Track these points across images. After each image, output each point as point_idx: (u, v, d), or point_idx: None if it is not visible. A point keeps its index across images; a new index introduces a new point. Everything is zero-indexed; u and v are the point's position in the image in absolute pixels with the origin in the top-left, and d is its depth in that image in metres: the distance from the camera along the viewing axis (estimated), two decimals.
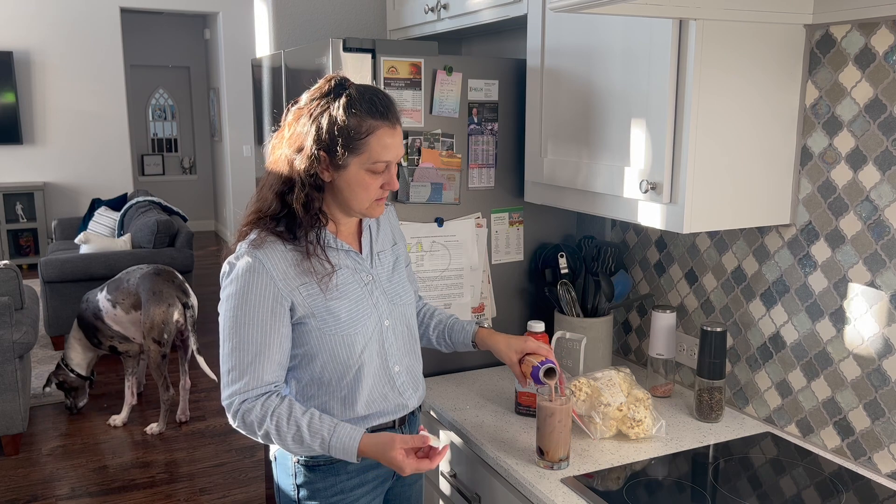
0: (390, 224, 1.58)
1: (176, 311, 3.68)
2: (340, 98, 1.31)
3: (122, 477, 3.36)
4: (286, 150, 1.35)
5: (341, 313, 1.39)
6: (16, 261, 7.15)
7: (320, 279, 1.37)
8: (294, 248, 1.37)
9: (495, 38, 2.52)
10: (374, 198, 1.38)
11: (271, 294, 1.34)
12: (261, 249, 1.35)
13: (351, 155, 1.32)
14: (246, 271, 1.35)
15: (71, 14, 7.35)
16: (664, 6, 1.31)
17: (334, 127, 1.30)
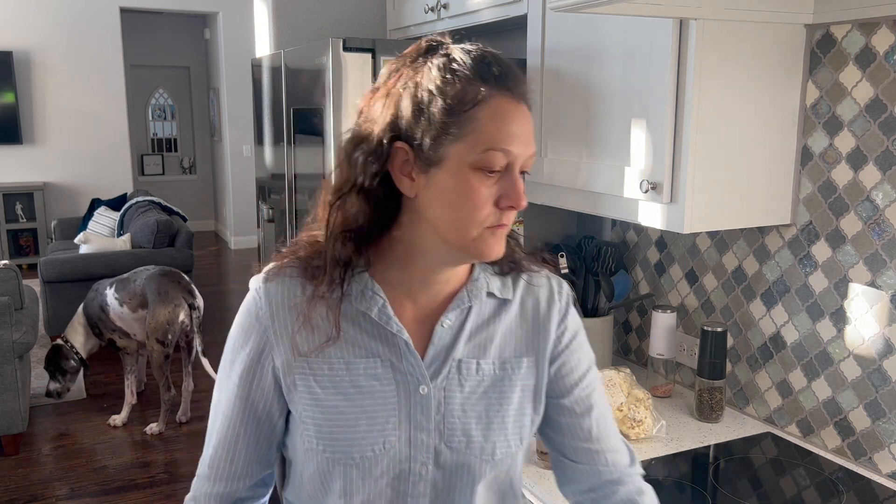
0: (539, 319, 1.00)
1: (182, 312, 3.67)
2: (433, 58, 0.86)
3: (122, 477, 3.36)
4: (349, 145, 0.91)
5: (334, 422, 0.91)
6: (16, 261, 7.14)
7: (312, 347, 0.92)
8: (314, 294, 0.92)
9: (495, 38, 2.52)
10: (487, 219, 0.86)
11: (255, 346, 0.94)
12: (272, 281, 0.95)
13: (449, 141, 0.84)
14: (244, 309, 0.97)
15: (71, 14, 7.35)
16: (664, 6, 1.31)
17: (423, 99, 0.84)
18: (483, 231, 0.87)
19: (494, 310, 0.98)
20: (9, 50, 7.14)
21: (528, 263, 1.02)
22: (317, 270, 0.92)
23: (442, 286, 0.95)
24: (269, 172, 2.44)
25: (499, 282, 0.99)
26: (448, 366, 0.94)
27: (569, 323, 1.02)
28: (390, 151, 0.86)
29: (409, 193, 0.87)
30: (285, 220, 2.26)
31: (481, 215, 0.86)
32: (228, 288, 6.89)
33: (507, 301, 0.99)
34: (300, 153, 2.09)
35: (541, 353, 0.99)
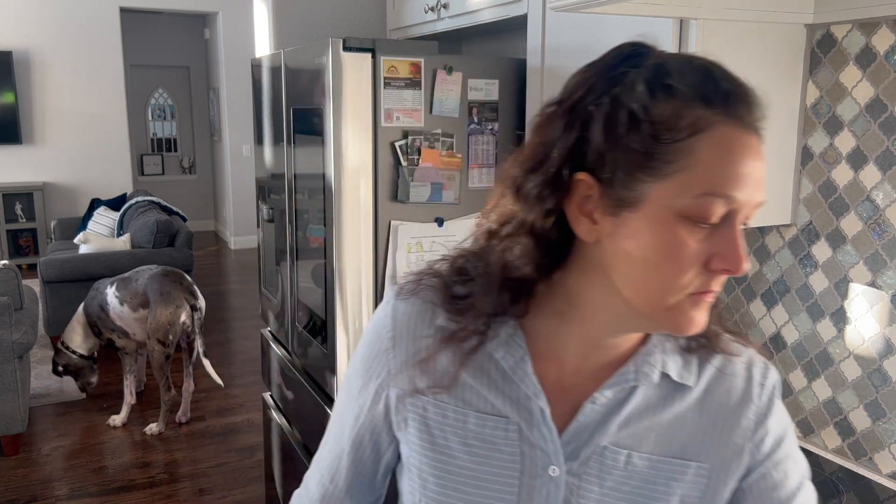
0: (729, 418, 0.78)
1: (183, 313, 3.67)
2: (638, 69, 0.67)
3: (122, 477, 3.36)
4: (517, 171, 0.73)
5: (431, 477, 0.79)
6: (15, 261, 7.14)
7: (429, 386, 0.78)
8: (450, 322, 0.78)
9: (495, 38, 2.52)
10: (690, 284, 0.67)
11: (377, 370, 0.82)
12: (404, 300, 0.81)
13: (651, 178, 0.65)
14: (373, 321, 0.84)
15: (71, 14, 7.35)
16: (665, 6, 1.31)
17: (621, 121, 0.65)
18: (683, 298, 0.67)
19: (666, 395, 0.77)
20: (9, 50, 7.14)
21: (728, 342, 0.79)
22: (456, 302, 0.77)
23: (603, 353, 0.76)
24: (269, 172, 2.44)
25: (680, 360, 0.77)
26: (590, 450, 0.75)
27: (771, 426, 0.78)
28: (570, 184, 0.68)
29: (588, 238, 0.69)
30: (285, 219, 2.26)
31: (684, 279, 0.66)
32: (228, 288, 6.89)
33: (685, 387, 0.77)
34: (300, 153, 2.09)
35: (721, 462, 0.77)
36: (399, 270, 1.89)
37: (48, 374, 4.50)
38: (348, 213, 1.84)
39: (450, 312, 0.77)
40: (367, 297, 1.89)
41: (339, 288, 1.86)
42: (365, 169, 1.83)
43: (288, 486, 2.50)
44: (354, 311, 1.88)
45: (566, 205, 0.70)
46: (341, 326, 1.87)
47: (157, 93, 9.39)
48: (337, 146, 1.80)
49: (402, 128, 1.84)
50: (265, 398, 2.71)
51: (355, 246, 1.86)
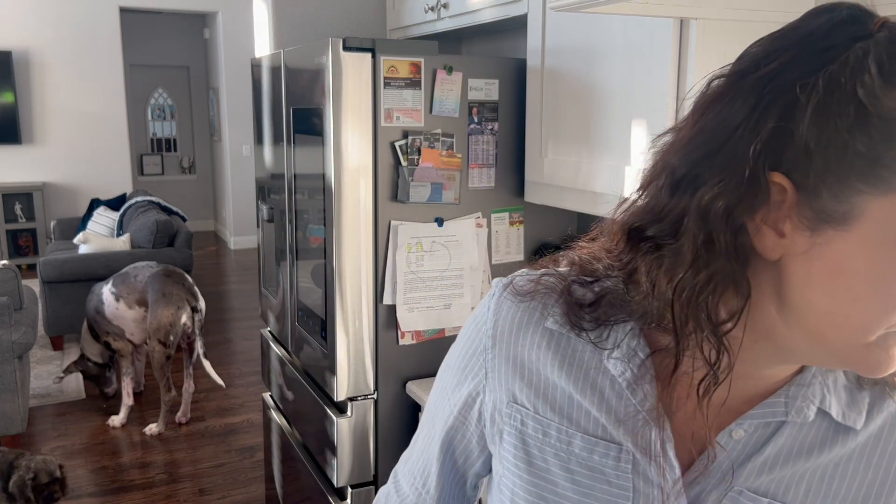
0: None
1: (184, 314, 3.67)
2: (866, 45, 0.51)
3: (122, 477, 3.35)
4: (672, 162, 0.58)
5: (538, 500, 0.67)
6: (15, 261, 7.14)
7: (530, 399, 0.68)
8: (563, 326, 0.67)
9: (495, 38, 2.52)
10: None
11: (471, 370, 0.72)
12: (509, 297, 0.70)
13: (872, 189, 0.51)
14: (472, 318, 0.74)
15: (70, 14, 7.35)
16: (665, 6, 1.31)
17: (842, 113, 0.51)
18: (886, 336, 0.54)
19: (823, 436, 0.63)
20: (8, 50, 7.14)
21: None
22: (575, 310, 0.66)
23: (751, 383, 0.63)
24: (269, 172, 2.44)
25: (845, 397, 0.64)
26: (720, 494, 0.62)
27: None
28: (768, 189, 0.53)
29: (769, 254, 0.55)
30: (285, 219, 2.26)
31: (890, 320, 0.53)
32: (228, 288, 6.89)
33: (848, 430, 0.63)
34: (300, 153, 2.09)
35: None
36: (399, 270, 1.89)
37: (48, 375, 4.50)
38: (348, 213, 1.84)
39: (566, 313, 0.66)
40: (367, 297, 1.89)
41: (339, 288, 1.86)
42: (365, 169, 1.83)
43: (288, 486, 2.50)
44: (354, 311, 1.88)
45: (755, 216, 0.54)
46: (341, 326, 1.87)
47: (157, 93, 9.39)
48: (337, 146, 1.80)
49: (402, 128, 1.84)
50: (265, 398, 2.70)
51: (355, 246, 1.85)
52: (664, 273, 0.57)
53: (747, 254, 0.55)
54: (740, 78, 0.55)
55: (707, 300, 0.55)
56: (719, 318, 0.56)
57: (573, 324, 0.65)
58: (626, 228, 0.61)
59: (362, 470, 1.96)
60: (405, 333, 1.92)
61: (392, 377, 1.95)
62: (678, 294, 0.56)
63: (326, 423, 1.97)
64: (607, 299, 0.65)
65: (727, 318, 0.56)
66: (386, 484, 0.87)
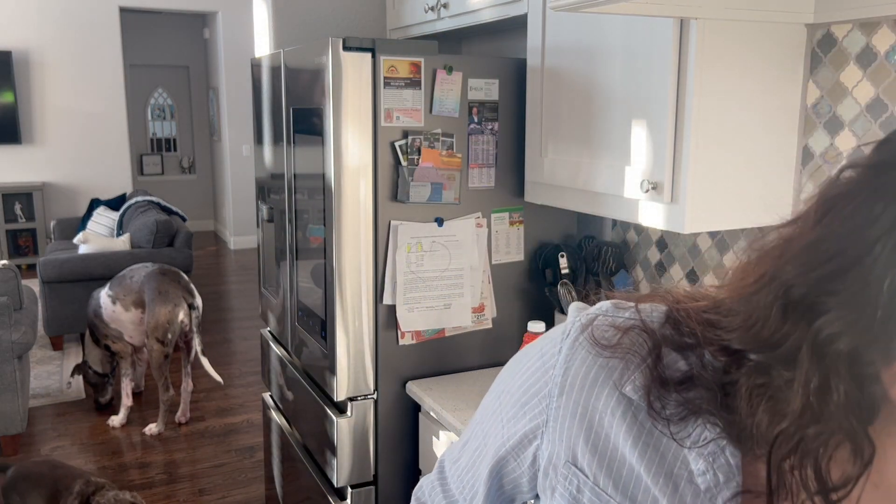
0: None
1: (181, 312, 3.67)
2: None
3: (122, 477, 3.35)
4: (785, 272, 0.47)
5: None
6: (15, 261, 7.14)
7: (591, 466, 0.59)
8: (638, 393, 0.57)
9: (495, 38, 2.52)
10: None
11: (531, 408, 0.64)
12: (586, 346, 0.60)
13: None
14: (539, 354, 0.65)
15: (70, 14, 7.35)
16: (665, 5, 1.31)
17: None
18: None
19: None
20: (8, 50, 7.13)
21: None
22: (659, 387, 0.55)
23: None
24: (269, 172, 2.44)
25: None
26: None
27: None
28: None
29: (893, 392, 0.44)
30: (285, 219, 2.26)
31: None
32: (228, 288, 6.89)
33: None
34: (300, 153, 2.08)
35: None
36: (399, 270, 1.88)
37: (48, 375, 4.50)
38: (348, 213, 1.84)
39: (647, 387, 0.56)
40: (367, 297, 1.89)
41: (339, 288, 1.86)
42: (365, 169, 1.83)
43: (288, 486, 2.50)
44: (354, 311, 1.88)
45: None
46: (341, 326, 1.87)
47: (157, 92, 9.39)
48: (337, 146, 1.80)
49: (402, 127, 1.84)
50: (265, 398, 2.70)
51: (355, 246, 1.85)
52: (765, 410, 0.47)
53: (875, 408, 0.44)
54: (881, 173, 0.42)
55: (818, 460, 0.45)
56: (830, 485, 0.45)
57: (651, 405, 0.55)
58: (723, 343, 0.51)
59: (362, 470, 1.96)
60: (405, 333, 1.92)
61: (392, 377, 1.94)
62: (778, 444, 0.46)
63: (326, 423, 1.97)
64: (703, 382, 0.53)
65: (839, 485, 0.45)
66: (430, 474, 0.82)
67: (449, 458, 0.78)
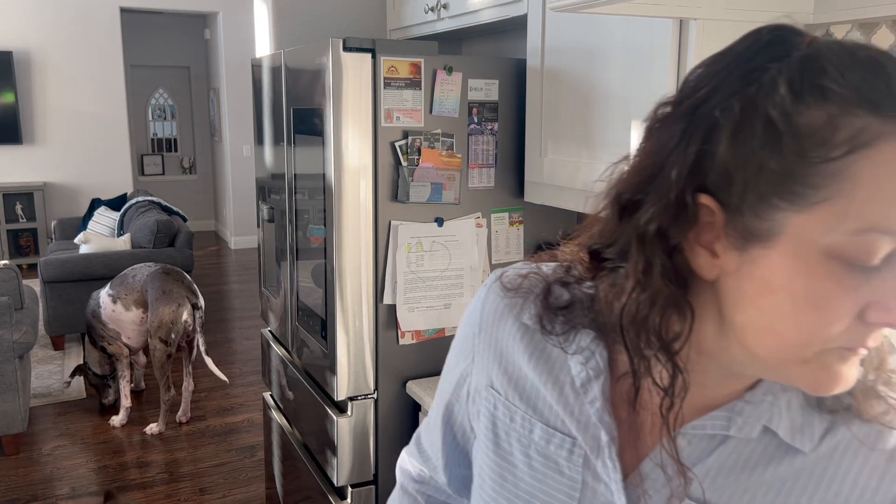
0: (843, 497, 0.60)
1: (185, 312, 3.68)
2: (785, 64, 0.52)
3: (122, 477, 3.36)
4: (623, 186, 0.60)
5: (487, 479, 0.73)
6: (16, 261, 7.15)
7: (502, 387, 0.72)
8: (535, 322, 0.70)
9: (495, 38, 2.52)
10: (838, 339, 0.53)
11: (465, 352, 0.78)
12: (497, 290, 0.74)
13: (790, 206, 0.52)
14: (471, 304, 0.78)
15: (71, 14, 7.35)
16: (664, 6, 1.31)
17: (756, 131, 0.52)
18: (825, 353, 0.54)
19: (770, 454, 0.62)
20: (9, 50, 7.14)
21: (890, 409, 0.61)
22: (548, 312, 0.68)
23: (703, 393, 0.63)
24: (269, 172, 2.44)
25: (799, 418, 0.62)
26: (661, 497, 0.63)
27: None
28: (696, 210, 0.55)
29: (706, 274, 0.56)
30: (285, 219, 2.27)
31: (830, 332, 0.52)
32: (228, 288, 6.89)
33: (797, 450, 0.61)
34: (300, 153, 2.09)
35: None
36: (399, 270, 1.89)
37: (49, 374, 4.51)
38: (348, 213, 1.84)
39: (539, 315, 0.69)
40: (367, 297, 1.89)
41: (339, 288, 1.86)
42: (365, 169, 1.83)
43: (288, 485, 2.51)
44: (354, 311, 1.88)
45: (686, 236, 0.56)
46: (341, 326, 1.88)
47: (158, 93, 9.39)
48: (337, 146, 1.80)
49: (402, 128, 1.84)
50: (265, 398, 2.71)
51: (355, 246, 1.86)
52: (615, 296, 0.60)
53: (685, 276, 0.57)
54: (677, 104, 0.58)
55: (653, 323, 0.57)
56: (667, 340, 0.58)
57: (543, 325, 0.69)
58: (587, 248, 0.65)
59: (362, 469, 1.96)
60: (405, 333, 1.93)
61: (392, 377, 1.95)
62: (626, 317, 0.59)
63: (327, 422, 1.97)
64: (580, 304, 0.68)
65: (673, 340, 0.58)
66: (408, 445, 0.94)
67: (423, 424, 0.90)
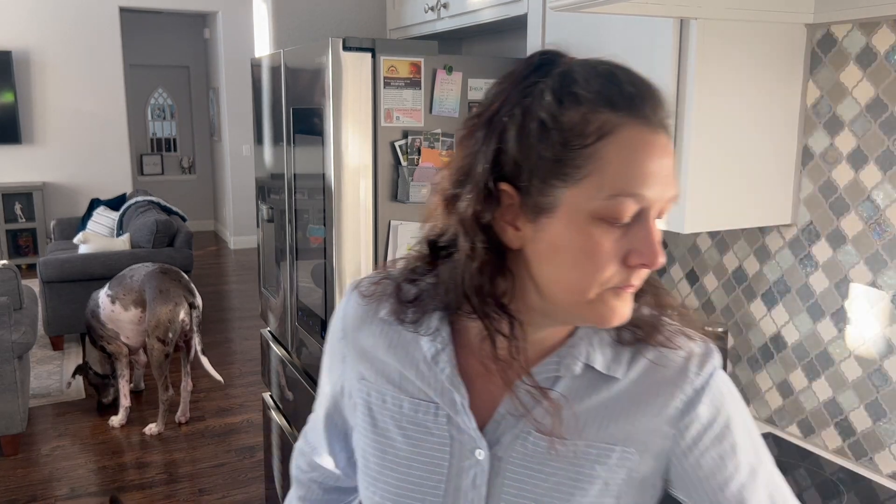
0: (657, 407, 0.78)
1: (182, 311, 3.67)
2: (547, 78, 0.70)
3: (122, 477, 3.35)
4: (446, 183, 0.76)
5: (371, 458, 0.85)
6: (15, 261, 7.14)
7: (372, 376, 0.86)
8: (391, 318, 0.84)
9: (495, 38, 2.52)
10: (611, 280, 0.71)
11: (337, 352, 0.91)
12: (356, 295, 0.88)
13: (562, 184, 0.69)
14: (337, 311, 0.92)
15: (70, 14, 7.35)
16: (665, 5, 1.31)
17: (531, 130, 0.69)
18: (604, 292, 0.71)
19: (592, 385, 0.78)
20: (8, 50, 7.13)
21: (671, 336, 0.79)
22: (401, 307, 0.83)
23: (530, 346, 0.78)
24: (269, 172, 2.44)
25: (610, 353, 0.79)
26: (513, 435, 0.78)
27: (701, 413, 0.77)
28: (498, 195, 0.71)
29: (514, 245, 0.73)
30: (285, 219, 2.26)
31: (604, 275, 0.70)
32: (228, 288, 6.89)
33: (613, 378, 0.78)
34: (300, 153, 2.08)
35: (645, 447, 0.78)
36: None
37: (48, 375, 4.50)
38: (348, 213, 1.84)
39: (394, 310, 0.83)
40: None
41: (339, 288, 1.86)
42: (365, 169, 1.83)
43: (288, 486, 2.50)
44: None
45: (494, 215, 0.73)
46: None
47: (157, 93, 9.39)
48: (337, 146, 1.80)
49: (402, 127, 1.84)
50: (265, 398, 2.70)
51: (355, 246, 1.85)
52: (456, 274, 0.76)
53: (501, 248, 0.74)
54: (479, 116, 0.74)
55: (486, 287, 0.74)
56: (499, 298, 0.75)
57: (398, 318, 0.83)
58: (427, 242, 0.82)
59: None
60: None
61: None
62: (468, 287, 0.75)
63: None
64: (426, 294, 0.82)
65: (503, 296, 0.75)
66: (297, 443, 1.07)
67: (309, 423, 1.02)
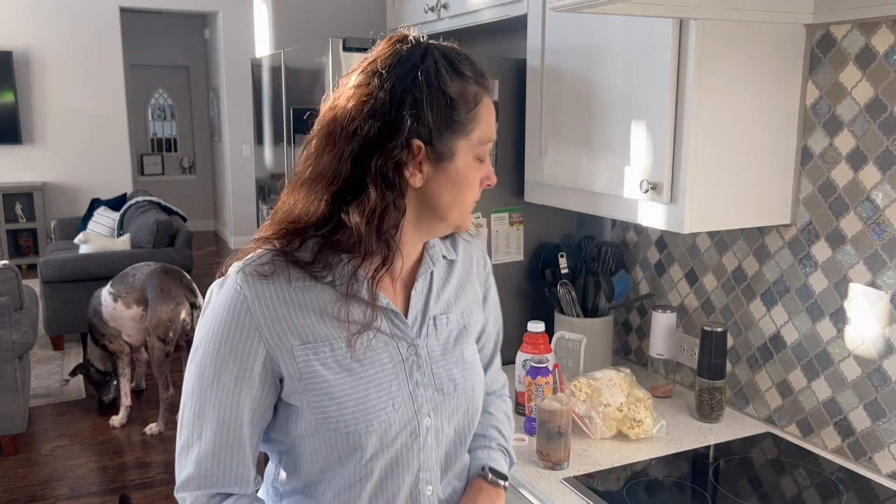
0: (474, 272, 1.19)
1: (183, 311, 3.68)
2: (432, 58, 0.96)
3: (122, 477, 3.36)
4: (344, 143, 0.95)
5: (348, 397, 0.98)
6: (15, 261, 7.14)
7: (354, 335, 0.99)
8: (304, 283, 0.98)
9: (495, 38, 2.52)
10: (476, 198, 1.05)
11: (252, 348, 0.96)
12: (256, 276, 0.97)
13: (459, 136, 0.97)
14: (225, 309, 0.96)
15: (70, 14, 7.35)
16: (664, 6, 1.31)
17: (439, 99, 0.95)
18: (470, 207, 1.05)
19: (447, 270, 1.14)
20: (9, 50, 7.14)
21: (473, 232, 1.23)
22: (307, 269, 0.98)
23: (411, 258, 1.07)
24: (269, 172, 2.44)
25: (449, 245, 1.15)
26: (426, 324, 1.07)
27: (490, 280, 1.24)
28: (412, 148, 0.95)
29: (417, 185, 0.98)
30: None
31: (475, 195, 1.04)
32: None
33: (454, 261, 1.15)
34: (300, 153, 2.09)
35: (478, 301, 1.18)
36: None
37: (48, 375, 4.50)
38: None
39: (304, 273, 0.97)
40: None
41: None
42: None
43: None
44: None
45: (408, 167, 0.96)
46: None
47: (157, 93, 9.39)
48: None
49: None
50: None
51: None
52: (366, 212, 0.94)
53: (403, 189, 0.96)
54: (380, 88, 0.95)
55: (388, 220, 0.95)
56: (396, 225, 0.97)
57: (312, 276, 0.98)
58: (328, 197, 0.95)
59: None
60: None
61: None
62: (377, 221, 0.95)
63: None
64: (325, 251, 0.97)
65: (393, 227, 0.97)
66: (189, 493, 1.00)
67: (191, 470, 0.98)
